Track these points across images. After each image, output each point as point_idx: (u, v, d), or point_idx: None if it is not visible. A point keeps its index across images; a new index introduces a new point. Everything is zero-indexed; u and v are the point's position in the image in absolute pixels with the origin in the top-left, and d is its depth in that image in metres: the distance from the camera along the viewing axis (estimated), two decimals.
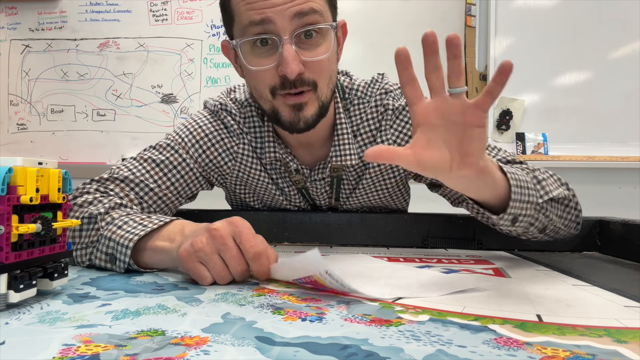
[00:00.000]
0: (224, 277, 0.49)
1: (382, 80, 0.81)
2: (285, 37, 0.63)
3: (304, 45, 0.66)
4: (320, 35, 0.66)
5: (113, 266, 0.56)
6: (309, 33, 0.65)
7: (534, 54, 2.12)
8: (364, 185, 0.83)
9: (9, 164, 0.37)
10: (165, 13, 2.26)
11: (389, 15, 2.18)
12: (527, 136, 2.10)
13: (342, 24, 0.74)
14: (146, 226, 0.57)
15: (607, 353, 0.30)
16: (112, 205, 0.64)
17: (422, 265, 0.64)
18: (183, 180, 0.77)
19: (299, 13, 0.63)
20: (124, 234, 0.56)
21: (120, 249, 0.55)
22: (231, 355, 0.29)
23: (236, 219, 0.50)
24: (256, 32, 0.64)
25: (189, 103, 2.24)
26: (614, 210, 1.98)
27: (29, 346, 0.30)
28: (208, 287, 0.48)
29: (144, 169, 0.73)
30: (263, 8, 0.63)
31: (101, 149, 2.26)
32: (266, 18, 0.63)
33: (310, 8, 0.63)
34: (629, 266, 0.70)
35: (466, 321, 0.37)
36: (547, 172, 0.68)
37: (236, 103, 0.81)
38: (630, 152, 2.03)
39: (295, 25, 0.64)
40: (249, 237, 0.49)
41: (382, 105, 0.78)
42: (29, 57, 2.32)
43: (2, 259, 0.36)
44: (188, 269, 0.50)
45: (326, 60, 0.67)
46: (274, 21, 0.63)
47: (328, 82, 0.70)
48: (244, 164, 0.81)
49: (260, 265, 0.49)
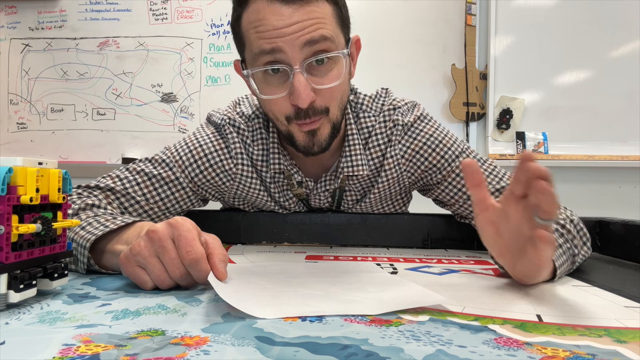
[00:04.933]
0: (163, 280, 0.46)
1: (387, 96, 0.81)
2: (296, 66, 0.63)
3: (315, 71, 0.65)
4: (332, 61, 0.66)
5: (76, 267, 0.56)
6: (320, 59, 0.64)
7: (534, 53, 2.11)
8: (370, 199, 0.82)
9: (9, 164, 0.37)
10: (165, 12, 2.26)
11: (389, 14, 2.17)
12: (527, 135, 2.10)
13: (356, 40, 0.73)
14: (107, 227, 0.56)
15: (607, 353, 0.30)
16: (83, 207, 0.63)
17: (422, 266, 0.64)
18: (173, 197, 0.76)
19: (309, 42, 0.62)
20: (85, 234, 0.55)
21: (81, 250, 0.54)
22: (231, 355, 0.29)
23: (178, 221, 0.47)
24: (267, 62, 0.64)
25: (189, 102, 2.24)
26: (614, 209, 1.99)
27: (29, 346, 0.30)
28: (208, 287, 0.48)
29: (134, 180, 0.73)
30: (273, 37, 0.62)
31: (101, 148, 2.26)
32: (276, 47, 0.62)
33: (320, 35, 0.63)
34: (629, 266, 0.70)
35: (466, 321, 0.37)
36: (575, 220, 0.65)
37: (243, 117, 0.79)
38: (631, 151, 2.03)
39: (306, 54, 0.63)
40: (188, 240, 0.46)
41: (392, 120, 0.78)
42: (29, 56, 2.31)
43: (2, 259, 0.36)
44: (128, 274, 0.48)
45: (338, 85, 0.67)
46: (284, 50, 0.62)
47: (339, 103, 0.70)
48: (243, 182, 0.79)
49: (199, 272, 0.46)
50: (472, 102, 2.15)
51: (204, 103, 2.23)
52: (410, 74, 2.16)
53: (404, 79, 2.15)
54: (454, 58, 2.16)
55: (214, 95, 2.22)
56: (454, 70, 2.16)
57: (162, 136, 2.22)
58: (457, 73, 2.15)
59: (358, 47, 0.75)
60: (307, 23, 0.62)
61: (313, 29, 0.62)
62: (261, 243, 0.86)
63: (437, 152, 0.77)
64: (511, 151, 2.11)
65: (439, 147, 0.77)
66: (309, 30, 0.62)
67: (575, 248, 0.60)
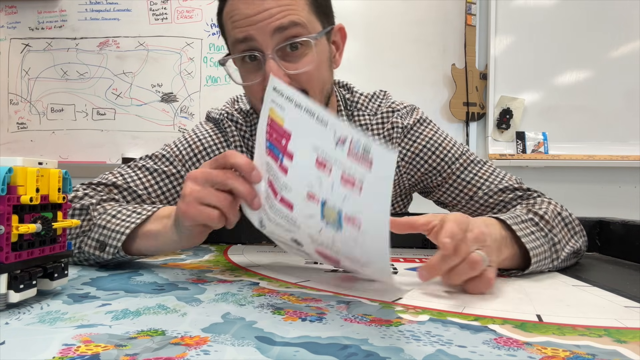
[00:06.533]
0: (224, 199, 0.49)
1: (385, 98, 0.82)
2: (268, 52, 0.65)
3: (289, 57, 0.67)
4: (306, 46, 0.67)
5: (101, 253, 0.57)
6: (294, 45, 0.66)
7: (534, 52, 2.11)
8: None
9: (9, 164, 0.37)
10: (165, 12, 2.26)
11: (389, 14, 2.17)
12: (527, 135, 2.10)
13: (339, 28, 0.74)
14: (140, 213, 0.58)
15: (607, 353, 0.30)
16: (104, 198, 0.65)
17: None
18: (175, 191, 0.76)
19: (279, 28, 0.64)
20: (119, 222, 0.57)
21: (114, 235, 0.56)
22: (231, 355, 0.29)
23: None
24: (242, 50, 0.67)
25: (189, 102, 2.24)
26: (614, 209, 1.99)
27: (29, 346, 0.30)
28: (208, 287, 0.48)
29: (136, 175, 0.74)
30: (245, 26, 0.65)
31: (101, 148, 2.26)
32: (248, 36, 0.65)
33: (290, 21, 0.64)
34: (629, 266, 0.70)
35: (466, 321, 0.37)
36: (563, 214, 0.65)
37: (241, 113, 0.81)
38: (631, 151, 2.03)
39: (277, 40, 0.65)
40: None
41: (390, 122, 0.78)
42: (29, 56, 2.31)
43: (2, 259, 0.36)
44: (193, 216, 0.49)
45: (314, 70, 0.67)
46: (256, 38, 0.65)
47: (320, 89, 0.70)
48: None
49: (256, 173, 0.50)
50: (472, 102, 2.15)
51: (204, 103, 2.23)
52: (410, 74, 2.16)
53: (404, 78, 2.15)
54: (454, 58, 2.16)
55: (214, 95, 2.22)
56: (454, 70, 2.16)
57: (162, 136, 2.22)
58: (457, 73, 2.15)
59: (343, 36, 0.76)
60: (276, 10, 0.64)
61: (282, 15, 0.64)
62: (261, 243, 0.86)
63: (437, 155, 0.77)
64: (511, 151, 2.11)
65: (438, 150, 0.77)
66: (279, 17, 0.64)
67: (555, 237, 0.60)
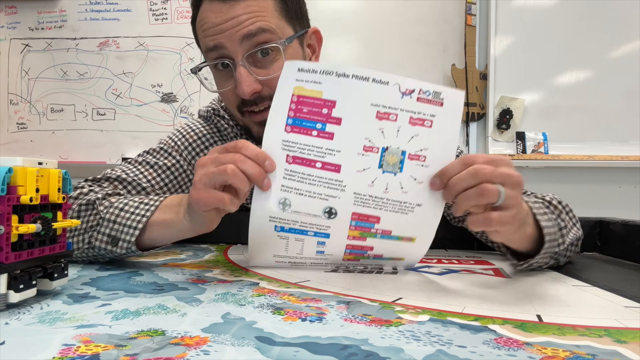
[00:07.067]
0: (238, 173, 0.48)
1: None
2: (238, 59, 0.66)
3: (260, 63, 0.67)
4: (277, 52, 0.67)
5: (114, 248, 0.57)
6: (264, 51, 0.66)
7: (534, 53, 2.11)
8: None
9: (9, 164, 0.37)
10: (165, 12, 2.26)
11: (388, 14, 2.17)
12: (527, 135, 2.10)
13: (313, 31, 0.75)
14: (148, 204, 0.58)
15: (607, 353, 0.30)
16: (109, 193, 0.65)
17: (422, 266, 0.64)
18: (176, 181, 0.78)
19: (247, 35, 0.65)
20: (129, 216, 0.57)
21: (127, 230, 0.56)
22: (231, 355, 0.29)
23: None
24: (213, 57, 0.68)
25: (188, 102, 2.24)
26: (614, 209, 1.99)
27: (29, 346, 0.30)
28: (208, 287, 0.48)
29: (137, 170, 0.74)
30: (214, 34, 0.65)
31: (101, 148, 2.26)
32: (218, 44, 0.66)
33: (258, 28, 0.65)
34: (629, 266, 0.70)
35: (466, 321, 0.37)
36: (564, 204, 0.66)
37: (227, 110, 0.82)
38: (631, 151, 2.03)
39: (246, 47, 0.66)
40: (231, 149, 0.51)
41: None
42: (29, 57, 2.31)
43: (2, 259, 0.36)
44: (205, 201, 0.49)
45: None
46: (225, 45, 0.65)
47: None
48: None
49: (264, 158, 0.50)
50: (472, 102, 2.15)
51: (204, 103, 2.21)
52: (410, 74, 2.13)
53: None
54: (454, 58, 2.16)
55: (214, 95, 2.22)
56: (454, 70, 2.16)
57: (162, 136, 2.21)
58: (457, 73, 2.15)
59: (319, 39, 0.77)
60: (245, 17, 0.64)
61: (250, 22, 0.64)
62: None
63: None
64: (511, 151, 2.11)
65: None
66: (247, 24, 0.64)
67: (562, 221, 0.61)
